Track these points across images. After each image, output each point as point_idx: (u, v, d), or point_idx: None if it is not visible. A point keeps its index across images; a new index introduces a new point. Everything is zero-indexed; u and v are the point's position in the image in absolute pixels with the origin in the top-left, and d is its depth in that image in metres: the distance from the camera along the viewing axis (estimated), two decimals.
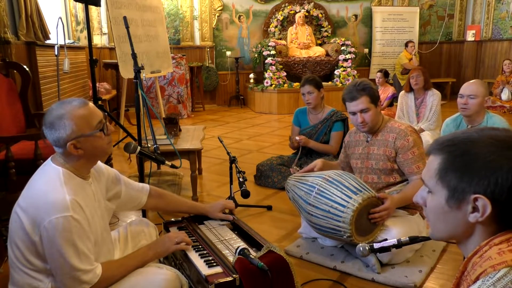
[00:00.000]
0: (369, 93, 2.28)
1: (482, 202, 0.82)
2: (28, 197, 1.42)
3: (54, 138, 1.42)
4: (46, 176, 1.45)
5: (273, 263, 1.57)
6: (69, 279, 1.37)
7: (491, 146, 0.83)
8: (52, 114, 1.42)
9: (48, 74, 4.14)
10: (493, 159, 0.81)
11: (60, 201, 1.35)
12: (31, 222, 1.36)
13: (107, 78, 6.96)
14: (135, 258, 1.58)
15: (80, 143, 1.43)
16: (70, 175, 1.45)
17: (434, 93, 4.31)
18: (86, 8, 3.24)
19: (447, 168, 0.87)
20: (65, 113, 1.41)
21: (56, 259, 1.36)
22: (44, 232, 1.34)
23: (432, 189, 0.91)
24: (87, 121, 1.44)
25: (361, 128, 2.36)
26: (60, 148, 1.45)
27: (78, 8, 6.17)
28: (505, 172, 0.80)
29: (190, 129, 3.93)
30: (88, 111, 1.46)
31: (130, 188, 1.81)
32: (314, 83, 3.46)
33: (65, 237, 1.34)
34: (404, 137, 2.25)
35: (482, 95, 2.57)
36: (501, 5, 8.45)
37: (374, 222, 2.13)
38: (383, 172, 2.35)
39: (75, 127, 1.41)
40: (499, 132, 0.86)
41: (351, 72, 7.60)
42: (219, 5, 8.23)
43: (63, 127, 1.40)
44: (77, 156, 1.45)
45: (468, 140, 0.86)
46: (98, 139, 1.48)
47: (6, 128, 2.88)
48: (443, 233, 0.93)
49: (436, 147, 0.90)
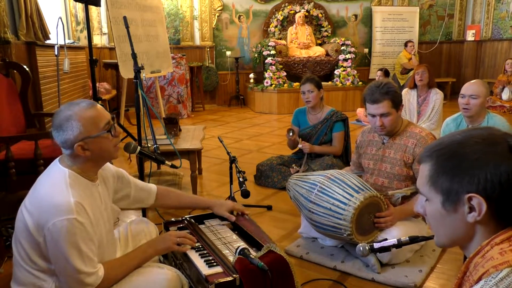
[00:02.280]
0: (392, 97, 2.19)
1: (476, 200, 0.83)
2: (34, 198, 1.43)
3: (62, 140, 1.43)
4: (52, 177, 1.46)
5: (273, 263, 1.57)
6: (72, 281, 1.37)
7: (476, 145, 0.85)
8: (60, 116, 1.42)
9: (48, 74, 4.13)
10: (479, 157, 0.83)
11: (64, 203, 1.35)
12: (36, 223, 1.37)
13: (107, 78, 6.96)
14: (136, 256, 1.59)
15: (88, 145, 1.43)
16: (77, 177, 1.45)
17: (438, 92, 4.32)
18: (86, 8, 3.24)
19: (438, 172, 0.88)
20: (73, 114, 1.42)
21: (60, 261, 1.36)
22: (48, 234, 1.34)
23: (427, 196, 0.92)
24: (95, 122, 1.45)
25: (378, 131, 2.31)
26: (67, 150, 1.45)
27: (78, 8, 6.16)
28: (492, 167, 0.82)
29: (190, 129, 3.93)
30: (96, 113, 1.46)
31: (139, 189, 1.83)
32: (315, 82, 3.47)
33: (69, 239, 1.34)
34: (424, 145, 2.20)
35: (483, 95, 2.56)
36: (501, 5, 8.45)
37: (377, 226, 2.14)
38: (397, 178, 2.31)
39: (82, 128, 1.41)
40: (480, 131, 0.89)
41: (351, 72, 7.59)
42: (219, 5, 8.23)
43: (70, 129, 1.41)
44: (84, 157, 1.45)
45: (453, 143, 0.88)
46: (106, 140, 1.48)
47: (6, 128, 2.88)
48: (446, 238, 0.93)
49: (425, 155, 0.93)
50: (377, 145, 2.40)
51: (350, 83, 7.53)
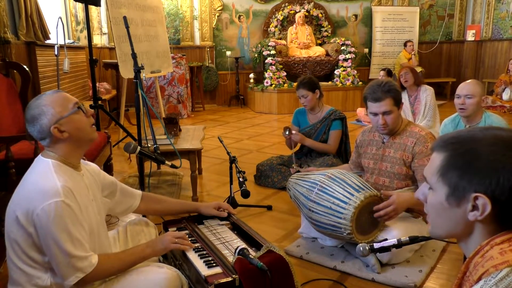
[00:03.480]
0: (394, 95, 2.21)
1: (482, 201, 0.82)
2: (20, 190, 1.44)
3: (38, 129, 1.45)
4: (36, 169, 1.48)
5: (273, 263, 1.56)
6: (65, 267, 1.37)
7: (494, 146, 0.83)
8: (30, 109, 1.46)
9: (48, 74, 4.14)
10: (496, 159, 0.81)
11: (51, 187, 1.37)
12: (25, 213, 1.37)
13: (107, 78, 6.96)
14: (133, 254, 1.59)
15: (63, 126, 1.46)
16: (60, 165, 1.47)
17: (427, 89, 4.39)
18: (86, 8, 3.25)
19: (449, 165, 0.86)
20: (41, 101, 1.46)
21: (51, 247, 1.36)
22: (37, 220, 1.35)
23: (433, 185, 0.91)
24: (63, 103, 1.48)
25: (381, 130, 2.31)
26: (46, 138, 1.47)
27: (78, 8, 6.17)
28: (507, 172, 0.80)
29: (190, 129, 3.93)
30: (62, 95, 1.51)
31: (124, 190, 1.84)
32: (308, 85, 3.42)
33: (58, 223, 1.35)
34: (424, 143, 2.21)
35: (479, 94, 2.57)
36: (501, 5, 8.45)
37: (377, 218, 2.12)
38: (397, 177, 2.31)
39: (53, 110, 1.45)
40: (504, 132, 0.85)
41: (351, 72, 7.59)
42: (219, 5, 8.23)
43: (43, 114, 1.44)
44: (63, 141, 1.48)
45: (471, 139, 0.86)
46: (79, 118, 1.51)
47: (6, 128, 2.88)
48: (442, 230, 0.93)
49: (440, 144, 0.90)
50: (377, 144, 2.40)
51: (350, 83, 7.53)
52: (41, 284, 1.42)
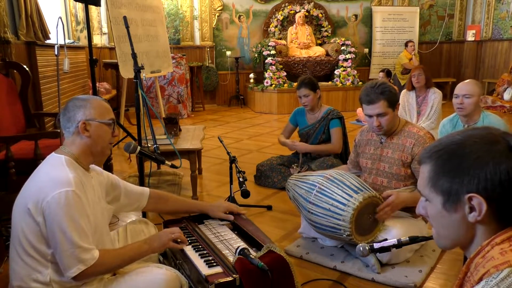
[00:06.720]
0: (388, 97, 2.20)
1: (477, 200, 0.83)
2: (32, 182, 1.49)
3: (70, 117, 1.53)
4: (48, 162, 1.54)
5: (273, 263, 1.57)
6: (68, 257, 1.39)
7: (475, 145, 0.85)
8: (77, 98, 1.57)
9: (48, 74, 4.13)
10: (479, 156, 0.84)
11: (63, 177, 1.42)
12: (35, 202, 1.40)
13: (107, 78, 6.95)
14: (131, 249, 1.60)
15: (90, 126, 1.54)
16: (72, 162, 1.52)
17: (436, 92, 4.37)
18: (86, 8, 3.24)
19: (438, 173, 0.89)
20: (89, 99, 1.57)
21: (57, 235, 1.38)
22: (46, 207, 1.38)
23: (428, 197, 0.92)
24: (104, 112, 1.58)
25: (376, 131, 2.31)
26: (70, 128, 1.53)
27: (78, 8, 6.16)
28: (492, 166, 0.82)
29: (190, 129, 3.93)
30: (107, 106, 1.63)
31: (129, 191, 1.85)
32: (310, 85, 3.44)
33: (67, 211, 1.38)
34: (423, 145, 2.20)
35: (477, 94, 2.58)
36: (501, 5, 8.45)
37: (376, 218, 2.12)
38: (395, 177, 2.31)
39: (93, 110, 1.55)
40: (479, 131, 0.89)
41: (351, 72, 7.59)
42: (219, 5, 8.23)
43: (83, 107, 1.54)
44: (82, 139, 1.54)
45: (452, 143, 0.88)
46: (107, 131, 1.59)
47: (6, 128, 2.88)
48: (448, 240, 0.93)
49: (424, 156, 0.93)
50: (375, 144, 2.40)
51: (350, 83, 7.53)
52: (41, 279, 1.43)
